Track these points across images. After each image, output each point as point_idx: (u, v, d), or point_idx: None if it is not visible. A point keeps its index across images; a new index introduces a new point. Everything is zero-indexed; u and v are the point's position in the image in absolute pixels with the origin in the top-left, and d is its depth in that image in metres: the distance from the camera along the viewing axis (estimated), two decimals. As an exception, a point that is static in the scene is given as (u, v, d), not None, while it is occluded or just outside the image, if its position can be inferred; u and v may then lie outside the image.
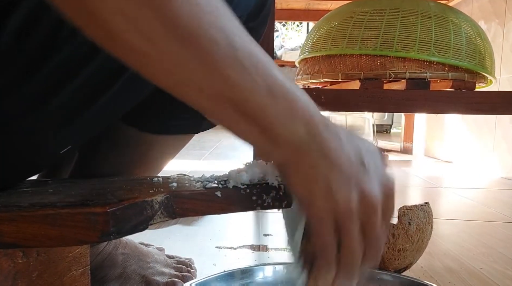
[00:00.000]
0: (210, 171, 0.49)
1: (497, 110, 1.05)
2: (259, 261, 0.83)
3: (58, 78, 0.40)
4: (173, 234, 0.98)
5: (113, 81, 0.43)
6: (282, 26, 5.02)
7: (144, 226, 0.35)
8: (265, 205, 0.41)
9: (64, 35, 0.39)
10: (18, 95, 0.40)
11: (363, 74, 1.05)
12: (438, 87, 1.18)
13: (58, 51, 0.39)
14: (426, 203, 0.74)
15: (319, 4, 2.28)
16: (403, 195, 1.64)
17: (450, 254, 0.91)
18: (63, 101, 0.41)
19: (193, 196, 0.39)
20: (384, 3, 1.08)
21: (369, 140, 0.40)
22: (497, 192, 1.68)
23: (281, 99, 0.33)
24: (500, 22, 1.97)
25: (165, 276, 0.68)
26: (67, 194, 0.39)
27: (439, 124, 2.56)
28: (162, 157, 0.65)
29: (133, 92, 0.47)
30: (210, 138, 2.87)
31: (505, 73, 1.91)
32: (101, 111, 0.45)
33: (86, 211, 0.33)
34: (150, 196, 0.36)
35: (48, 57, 0.39)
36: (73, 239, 0.33)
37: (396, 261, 0.71)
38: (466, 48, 1.03)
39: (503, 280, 0.78)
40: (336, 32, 1.10)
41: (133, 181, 0.47)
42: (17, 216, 0.32)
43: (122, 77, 0.43)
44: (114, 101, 0.45)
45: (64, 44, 0.39)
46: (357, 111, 2.37)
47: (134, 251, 0.69)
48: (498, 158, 1.99)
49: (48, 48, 0.39)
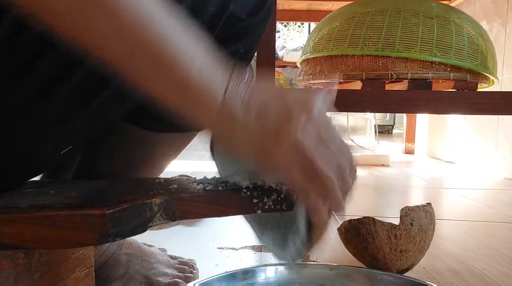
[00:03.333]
0: (211, 172, 0.49)
1: (499, 110, 1.05)
2: (261, 262, 0.83)
3: (55, 77, 0.40)
4: (175, 235, 0.98)
5: (113, 78, 0.43)
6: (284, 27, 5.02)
7: (143, 228, 0.35)
8: (266, 208, 0.40)
9: None
10: (15, 95, 0.40)
11: (365, 74, 1.05)
12: (440, 87, 1.18)
13: (55, 48, 0.39)
14: (428, 203, 0.74)
15: (321, 5, 2.27)
16: (405, 195, 1.64)
17: (452, 255, 0.90)
18: (61, 100, 0.41)
19: (193, 198, 0.39)
20: (386, 3, 1.08)
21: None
22: (499, 192, 1.67)
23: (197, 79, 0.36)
24: (502, 22, 1.97)
25: (168, 277, 0.68)
26: (67, 196, 0.39)
27: (441, 125, 2.56)
28: (164, 157, 0.65)
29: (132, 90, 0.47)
30: (212, 139, 2.86)
31: (507, 74, 1.91)
32: (101, 111, 0.45)
33: (84, 213, 0.32)
34: (150, 198, 0.36)
35: (43, 55, 0.39)
36: (72, 241, 0.33)
37: (398, 261, 0.71)
38: (468, 48, 1.03)
39: (506, 281, 0.77)
40: (337, 33, 1.10)
41: (134, 182, 0.47)
42: (16, 218, 0.32)
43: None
44: (115, 98, 0.45)
45: (61, 41, 0.39)
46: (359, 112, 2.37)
47: (137, 251, 0.69)
48: (500, 158, 1.99)
49: (44, 46, 0.39)
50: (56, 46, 0.39)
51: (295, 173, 0.38)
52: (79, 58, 0.40)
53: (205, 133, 0.41)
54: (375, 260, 0.72)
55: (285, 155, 0.37)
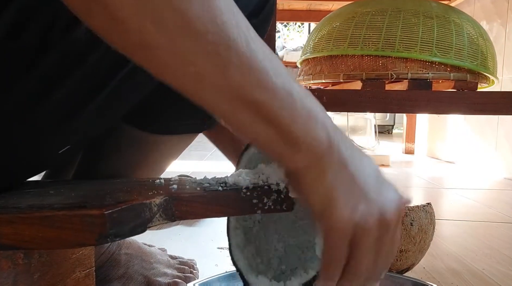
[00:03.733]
0: (211, 172, 0.49)
1: (499, 110, 1.05)
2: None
3: (55, 76, 0.40)
4: (175, 235, 0.98)
5: (111, 79, 0.43)
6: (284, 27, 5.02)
7: (143, 228, 0.35)
8: (266, 208, 0.40)
9: (59, 30, 0.38)
10: (14, 93, 0.40)
11: (365, 74, 1.05)
12: (440, 87, 1.18)
13: (54, 47, 0.39)
14: (428, 203, 0.74)
15: (321, 5, 2.27)
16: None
17: (452, 255, 0.90)
18: (60, 99, 0.41)
19: (193, 198, 0.38)
20: (386, 3, 1.08)
21: (369, 157, 0.39)
22: (499, 192, 1.67)
23: (301, 103, 0.33)
24: (502, 23, 1.97)
25: (168, 277, 0.68)
26: (67, 196, 0.39)
27: (441, 125, 2.55)
28: (165, 158, 0.65)
29: (133, 90, 0.47)
30: (212, 139, 2.86)
31: (507, 74, 1.91)
32: (100, 110, 0.45)
33: (82, 213, 0.32)
34: (149, 198, 0.36)
35: (43, 54, 0.39)
36: (71, 241, 0.32)
37: (398, 261, 0.71)
38: (468, 48, 1.03)
39: (506, 281, 0.77)
40: (337, 33, 1.10)
41: (134, 182, 0.47)
42: (15, 218, 0.32)
43: (120, 75, 0.43)
44: (113, 99, 0.45)
45: (60, 40, 0.39)
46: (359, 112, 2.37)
47: (137, 251, 0.69)
48: (500, 158, 1.99)
49: (44, 44, 0.39)
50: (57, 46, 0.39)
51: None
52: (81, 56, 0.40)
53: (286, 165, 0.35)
54: (375, 260, 0.72)
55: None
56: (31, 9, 0.37)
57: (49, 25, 0.38)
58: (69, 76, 0.40)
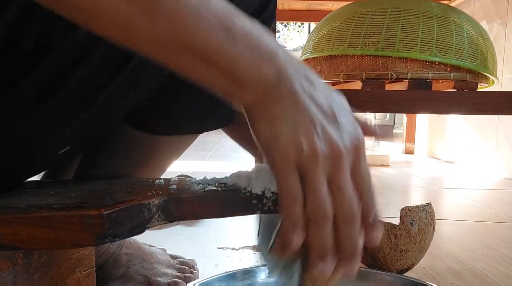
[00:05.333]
0: (211, 172, 0.49)
1: (499, 110, 1.05)
2: (261, 262, 0.83)
3: (55, 77, 0.40)
4: (175, 235, 0.98)
5: (112, 79, 0.43)
6: (284, 27, 5.02)
7: (141, 229, 0.35)
8: (266, 209, 0.39)
9: (58, 32, 0.38)
10: (14, 94, 0.40)
11: (365, 74, 1.05)
12: (440, 87, 1.18)
13: (53, 49, 0.39)
14: (428, 203, 0.74)
15: (321, 5, 2.27)
16: (405, 195, 1.64)
17: (452, 255, 0.90)
18: (60, 100, 0.41)
19: (192, 199, 0.38)
20: (386, 3, 1.08)
21: (340, 95, 0.38)
22: (500, 192, 1.67)
23: (243, 41, 0.32)
24: (502, 23, 1.97)
25: (168, 277, 0.68)
26: (66, 196, 0.39)
27: (441, 125, 2.55)
28: (166, 158, 0.65)
29: (134, 90, 0.47)
30: (212, 139, 2.87)
31: (507, 74, 1.91)
32: (99, 111, 0.45)
33: (81, 214, 0.32)
34: (148, 199, 0.36)
35: (44, 55, 0.39)
36: (69, 241, 0.32)
37: (398, 261, 0.71)
38: (468, 48, 1.03)
39: (506, 281, 0.77)
40: (337, 33, 1.10)
41: (134, 182, 0.47)
42: (13, 218, 0.32)
43: (120, 77, 0.43)
44: (114, 100, 0.45)
45: (59, 41, 0.39)
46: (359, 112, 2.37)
47: (137, 251, 0.69)
48: (500, 158, 1.99)
49: (44, 46, 0.39)
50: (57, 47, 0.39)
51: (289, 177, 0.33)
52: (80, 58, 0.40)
53: (244, 99, 0.34)
54: (375, 260, 0.72)
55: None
56: (30, 11, 0.37)
57: (49, 26, 0.38)
58: (70, 77, 0.41)
